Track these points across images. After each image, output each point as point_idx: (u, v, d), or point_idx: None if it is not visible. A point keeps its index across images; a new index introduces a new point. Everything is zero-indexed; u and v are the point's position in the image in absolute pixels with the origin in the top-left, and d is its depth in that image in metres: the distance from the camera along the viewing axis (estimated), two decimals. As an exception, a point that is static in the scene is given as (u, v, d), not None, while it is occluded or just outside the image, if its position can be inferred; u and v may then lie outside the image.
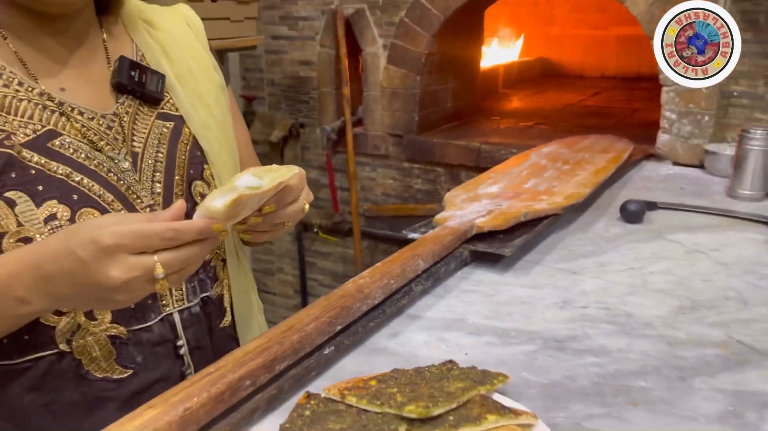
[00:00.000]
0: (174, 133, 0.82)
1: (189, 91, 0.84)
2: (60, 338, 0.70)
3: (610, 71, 3.80)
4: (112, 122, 0.76)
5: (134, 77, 0.78)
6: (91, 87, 0.77)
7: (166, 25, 0.87)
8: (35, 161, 0.69)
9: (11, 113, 0.69)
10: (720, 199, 1.41)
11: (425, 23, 2.00)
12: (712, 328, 0.85)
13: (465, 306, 0.91)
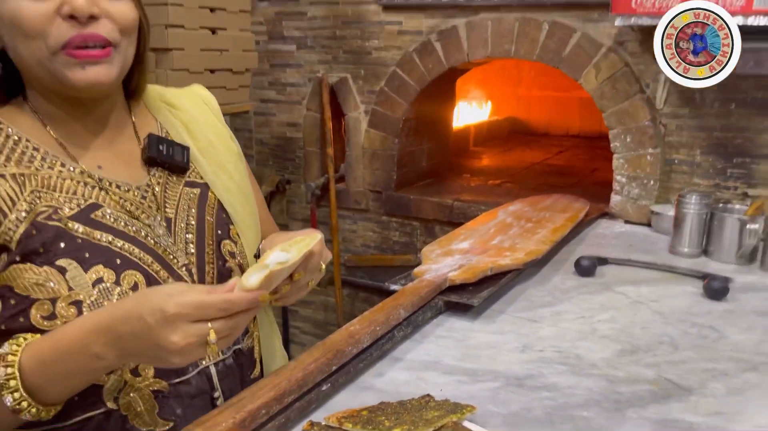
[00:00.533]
0: (201, 198, 0.92)
1: (211, 161, 0.95)
2: (108, 396, 0.77)
3: (574, 130, 4.05)
4: (145, 192, 0.86)
5: (162, 151, 0.89)
6: (124, 163, 0.87)
7: (185, 104, 0.99)
8: (81, 231, 0.78)
9: (56, 191, 0.79)
10: (663, 255, 1.59)
11: (403, 92, 2.20)
12: (647, 368, 1.01)
13: (440, 349, 1.06)
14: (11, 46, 0.78)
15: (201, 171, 0.94)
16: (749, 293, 1.34)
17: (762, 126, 1.73)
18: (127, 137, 0.89)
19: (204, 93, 1.03)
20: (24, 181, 0.77)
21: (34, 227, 0.75)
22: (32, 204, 0.76)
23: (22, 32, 0.75)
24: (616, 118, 1.87)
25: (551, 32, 1.91)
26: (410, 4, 2.10)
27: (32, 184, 0.77)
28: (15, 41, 0.77)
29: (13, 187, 0.76)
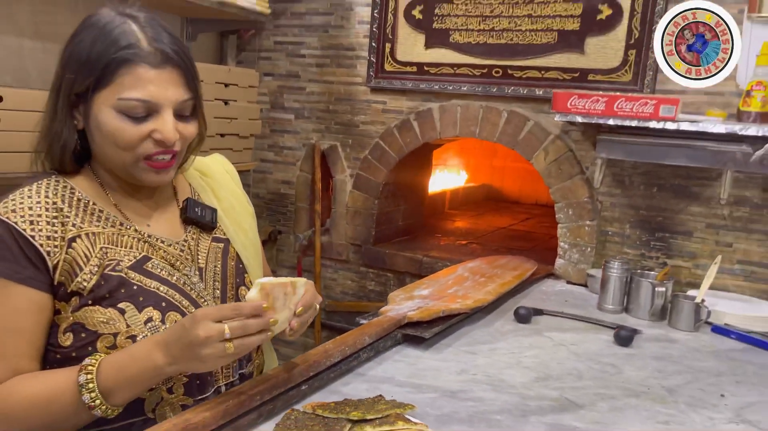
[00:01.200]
0: (224, 251, 1.13)
1: (233, 221, 1.17)
2: (147, 407, 0.97)
3: (543, 200, 4.40)
4: (183, 246, 1.07)
5: (197, 212, 1.10)
6: (167, 222, 1.09)
7: (212, 172, 1.22)
8: (137, 279, 0.98)
9: (118, 246, 1.00)
10: (592, 310, 1.89)
11: (384, 161, 2.54)
12: (553, 390, 1.30)
13: (395, 369, 1.34)
14: (100, 144, 0.98)
15: (225, 228, 1.16)
16: (652, 342, 1.64)
17: (677, 208, 2.08)
18: (168, 200, 1.12)
19: (226, 164, 1.27)
20: (95, 239, 0.98)
21: (102, 278, 0.96)
22: (101, 259, 0.97)
23: (115, 143, 0.96)
24: (560, 194, 2.22)
25: (509, 119, 2.28)
26: (394, 88, 2.48)
27: (101, 241, 0.99)
28: (105, 144, 0.98)
29: (87, 246, 0.97)
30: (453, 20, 2.33)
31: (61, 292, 0.96)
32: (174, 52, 0.98)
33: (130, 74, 0.95)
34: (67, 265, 0.95)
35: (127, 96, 0.95)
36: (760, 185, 1.96)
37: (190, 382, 1.02)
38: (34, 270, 0.94)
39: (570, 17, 2.14)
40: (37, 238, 0.94)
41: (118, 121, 0.95)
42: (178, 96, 0.98)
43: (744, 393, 1.34)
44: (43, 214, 0.96)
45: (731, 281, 2.02)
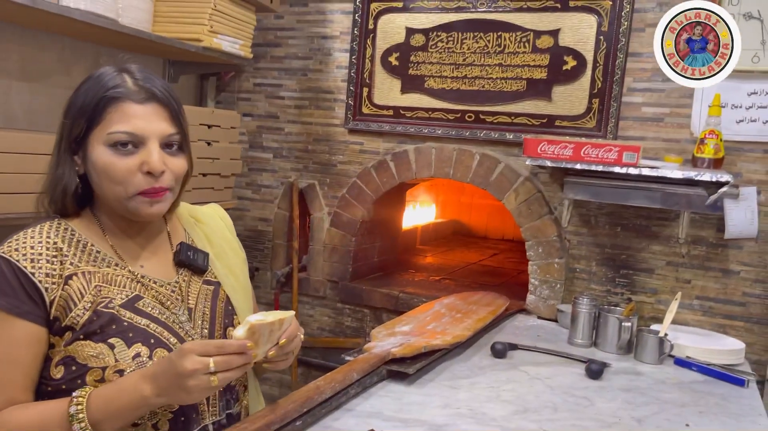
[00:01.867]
0: (214, 293, 1.18)
1: (224, 265, 1.22)
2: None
3: (509, 235, 4.54)
4: (174, 287, 1.13)
5: (190, 256, 1.16)
6: (160, 264, 1.14)
7: (207, 220, 1.28)
8: (127, 317, 1.04)
9: (112, 284, 1.05)
10: (562, 345, 1.98)
11: (361, 199, 2.62)
12: (531, 422, 1.37)
13: (382, 404, 1.40)
14: (97, 182, 1.05)
15: (216, 272, 1.21)
16: (620, 375, 1.74)
17: (640, 246, 2.21)
18: (162, 243, 1.17)
19: (221, 212, 1.34)
20: (90, 278, 1.04)
21: (95, 314, 1.02)
22: (95, 296, 1.03)
23: (109, 178, 1.03)
24: (530, 232, 2.33)
25: (481, 161, 2.39)
26: (371, 130, 2.57)
27: (96, 280, 1.05)
28: (101, 182, 1.04)
29: (83, 283, 1.03)
30: (428, 67, 2.45)
31: (56, 327, 1.01)
32: (159, 91, 1.06)
33: (117, 111, 1.03)
34: (62, 301, 1.01)
35: (115, 130, 1.03)
36: (715, 225, 2.10)
37: (175, 418, 1.05)
38: (33, 305, 1.00)
39: (538, 67, 2.29)
40: (37, 275, 1.00)
41: (109, 156, 1.03)
42: (162, 130, 1.05)
43: (707, 423, 1.44)
44: (44, 253, 1.03)
45: (691, 316, 2.15)
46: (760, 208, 2.01)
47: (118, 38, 2.04)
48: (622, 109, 2.19)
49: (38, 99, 2.03)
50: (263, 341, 1.01)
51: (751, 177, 2.05)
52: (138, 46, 2.18)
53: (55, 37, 2.07)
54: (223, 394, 1.14)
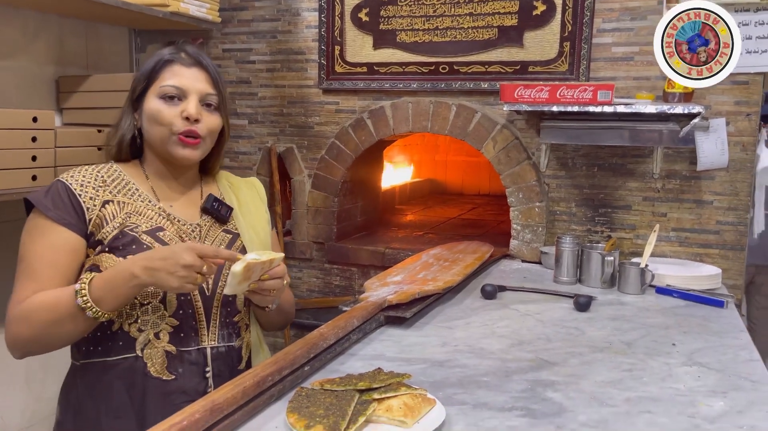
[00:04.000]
0: (230, 242, 1.36)
1: (247, 221, 1.41)
2: (138, 347, 1.22)
3: (485, 190, 4.62)
4: (195, 228, 1.33)
5: (215, 206, 1.35)
6: (187, 207, 1.35)
7: (241, 185, 1.48)
8: (148, 241, 1.24)
9: (140, 215, 1.27)
10: (548, 284, 2.04)
11: (340, 159, 2.63)
12: (527, 353, 1.43)
13: (383, 347, 1.44)
14: (147, 128, 1.29)
15: (237, 225, 1.40)
16: (606, 306, 1.81)
17: (617, 184, 2.27)
18: (194, 192, 1.39)
19: (257, 183, 1.53)
20: (123, 206, 1.27)
21: (121, 234, 1.23)
22: (124, 220, 1.25)
23: (156, 121, 1.26)
24: (510, 179, 2.37)
25: (458, 113, 2.42)
26: (345, 88, 2.57)
27: (127, 209, 1.26)
28: (150, 126, 1.28)
29: (116, 209, 1.26)
30: (398, 21, 2.45)
31: (92, 241, 1.23)
32: (204, 61, 1.31)
33: (169, 70, 1.29)
34: (98, 220, 1.23)
35: (165, 83, 1.27)
36: (687, 159, 2.17)
37: (175, 332, 1.24)
38: (76, 219, 1.22)
39: (508, 14, 2.30)
40: (83, 196, 1.24)
41: (159, 104, 1.27)
42: (202, 88, 1.28)
43: (691, 341, 1.52)
44: (91, 182, 1.26)
45: (668, 247, 2.23)
46: (730, 138, 2.08)
47: (83, 8, 1.99)
48: (593, 51, 2.22)
49: (2, 74, 1.98)
50: (254, 277, 1.19)
51: (719, 109, 2.11)
52: (103, 15, 2.13)
53: (18, 11, 2.01)
54: (225, 326, 1.31)
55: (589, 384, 1.25)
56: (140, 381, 1.21)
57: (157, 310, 1.23)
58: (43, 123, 1.86)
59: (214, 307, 1.29)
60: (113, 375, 1.22)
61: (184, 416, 0.92)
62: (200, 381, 1.26)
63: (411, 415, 1.03)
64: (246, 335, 1.37)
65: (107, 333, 1.22)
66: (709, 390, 1.23)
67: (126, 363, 1.21)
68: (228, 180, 1.48)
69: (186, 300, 1.25)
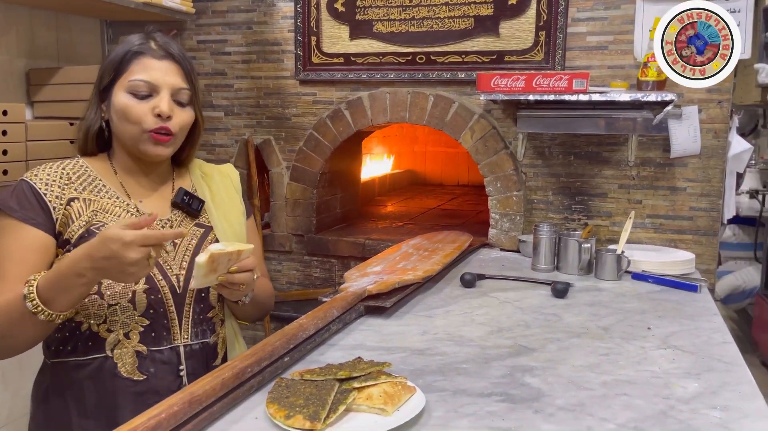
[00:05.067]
0: (203, 235, 1.32)
1: (220, 213, 1.36)
2: (108, 347, 1.19)
3: (464, 180, 4.64)
4: (165, 223, 1.29)
5: (185, 200, 1.31)
6: (157, 202, 1.30)
7: (213, 174, 1.43)
8: None
9: (108, 213, 1.23)
10: (527, 272, 2.06)
11: (319, 151, 2.62)
12: (506, 339, 1.44)
13: (363, 337, 1.45)
14: (116, 123, 1.24)
15: (210, 217, 1.35)
16: (583, 292, 1.83)
17: (593, 172, 2.29)
18: (165, 188, 1.33)
19: (231, 170, 1.48)
20: (89, 203, 1.22)
21: (87, 232, 1.19)
22: (90, 218, 1.21)
23: (126, 118, 1.21)
24: (488, 168, 2.39)
25: (436, 102, 2.42)
26: (323, 79, 2.56)
27: (93, 206, 1.22)
28: (120, 122, 1.23)
29: (82, 206, 1.22)
30: (375, 11, 2.44)
31: (60, 240, 1.20)
32: (175, 52, 1.26)
33: (139, 63, 1.23)
34: (65, 218, 1.20)
35: (135, 78, 1.22)
36: (661, 146, 2.20)
37: (145, 332, 1.21)
38: (44, 218, 1.19)
39: (484, 3, 2.31)
40: (48, 195, 1.20)
41: (128, 99, 1.22)
42: (174, 83, 1.23)
43: (666, 325, 1.54)
44: (56, 180, 1.22)
45: (643, 234, 2.26)
46: (702, 125, 2.11)
47: (52, -2, 1.95)
48: (568, 40, 2.24)
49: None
50: (221, 269, 1.14)
51: (692, 96, 2.14)
52: (75, 6, 2.09)
53: (-16, 2, 1.97)
54: (199, 323, 1.27)
55: (566, 369, 1.27)
56: (110, 381, 1.19)
57: (126, 310, 1.20)
58: (14, 116, 1.83)
59: (186, 305, 1.26)
60: (83, 375, 1.19)
61: (162, 408, 0.92)
62: (174, 380, 1.23)
63: (391, 403, 1.03)
64: (221, 331, 1.34)
65: (76, 333, 1.19)
66: (683, 372, 1.25)
67: (96, 364, 1.19)
68: (201, 169, 1.43)
69: (156, 299, 1.22)
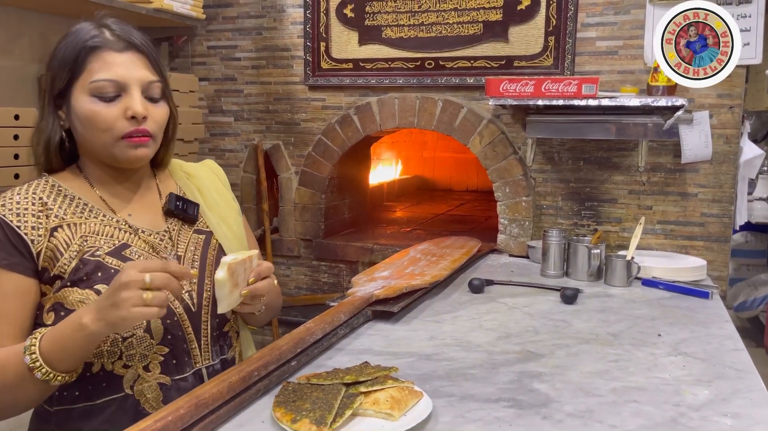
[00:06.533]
0: (205, 242, 1.20)
1: (215, 215, 1.24)
2: (126, 385, 1.04)
3: (473, 186, 4.63)
4: (164, 236, 1.14)
5: (179, 206, 1.17)
6: (149, 213, 1.16)
7: (199, 174, 1.29)
8: (114, 264, 1.05)
9: (99, 235, 1.07)
10: (535, 277, 2.05)
11: (327, 156, 2.63)
12: (515, 345, 1.43)
13: (371, 342, 1.44)
14: (81, 133, 1.07)
15: (208, 222, 1.23)
16: (593, 298, 1.82)
17: (602, 178, 2.28)
18: (151, 193, 1.19)
19: (214, 166, 1.35)
20: (76, 229, 1.06)
21: (81, 262, 1.04)
22: (81, 245, 1.05)
23: (94, 126, 1.05)
24: (497, 173, 2.38)
25: (444, 108, 2.42)
26: (331, 85, 2.57)
27: (82, 230, 1.07)
28: (86, 131, 1.06)
29: (68, 234, 1.05)
30: (384, 17, 2.44)
31: (46, 277, 1.04)
32: (137, 40, 1.09)
33: (97, 60, 1.05)
34: (49, 252, 1.04)
35: (97, 78, 1.05)
36: (672, 151, 2.19)
37: (166, 361, 1.08)
38: (20, 257, 1.02)
39: (493, 8, 2.31)
40: (23, 228, 1.04)
41: (93, 104, 1.05)
42: (143, 76, 1.07)
43: (677, 332, 1.53)
44: (30, 208, 1.06)
45: (654, 240, 2.24)
46: (713, 130, 2.10)
47: (66, 5, 1.97)
48: (577, 45, 2.23)
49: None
50: (241, 281, 1.04)
51: (703, 102, 2.13)
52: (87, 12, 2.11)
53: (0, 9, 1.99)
54: (217, 340, 1.17)
55: (575, 375, 1.25)
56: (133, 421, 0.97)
57: (142, 341, 1.06)
58: (25, 120, 1.84)
59: (203, 322, 1.15)
60: (100, 420, 1.04)
61: (168, 411, 0.91)
62: None
63: (398, 408, 1.03)
64: (237, 344, 1.25)
65: (86, 375, 1.04)
66: (694, 380, 1.24)
67: (114, 406, 1.04)
68: (183, 170, 1.28)
69: (173, 323, 1.10)
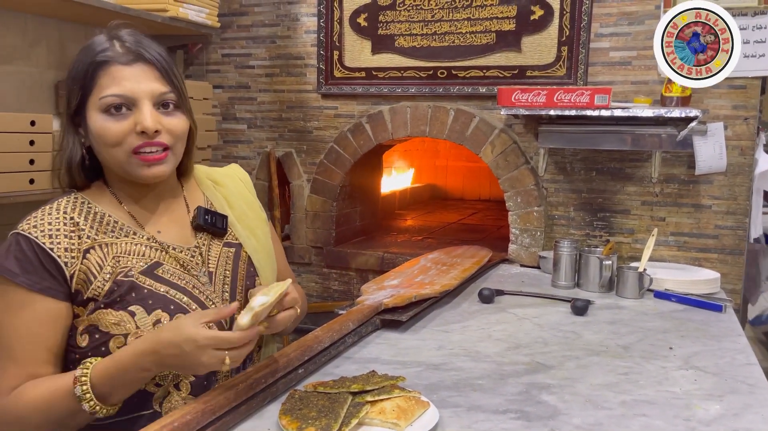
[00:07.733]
0: (236, 255, 1.18)
1: (245, 227, 1.22)
2: (155, 402, 1.05)
3: (485, 195, 4.61)
4: (194, 252, 1.13)
5: (208, 220, 1.15)
6: (178, 228, 1.14)
7: (226, 182, 1.27)
8: (147, 284, 1.05)
9: (130, 254, 1.06)
10: (546, 288, 2.04)
11: (339, 164, 2.64)
12: (524, 356, 1.43)
13: (379, 350, 1.44)
14: (98, 150, 1.07)
15: (237, 234, 1.21)
16: (604, 310, 1.80)
17: (615, 189, 2.27)
18: (179, 207, 1.17)
19: (240, 172, 1.32)
20: (108, 250, 1.05)
21: (115, 284, 1.03)
22: (114, 266, 1.04)
23: (105, 142, 1.04)
24: (509, 183, 2.37)
25: (456, 117, 2.42)
26: (344, 93, 2.58)
27: (114, 251, 1.06)
28: (100, 148, 1.06)
29: (101, 255, 1.04)
30: (397, 26, 2.45)
31: (79, 299, 1.03)
32: (146, 51, 1.06)
33: (106, 75, 1.03)
34: (82, 274, 1.03)
35: (105, 94, 1.03)
36: (686, 163, 2.17)
37: (197, 379, 1.09)
38: (53, 281, 1.02)
39: (506, 18, 2.31)
40: (56, 250, 1.02)
41: (103, 121, 1.04)
42: (153, 89, 1.05)
43: (689, 345, 1.51)
44: (62, 228, 1.04)
45: (667, 251, 2.22)
46: (727, 142, 2.08)
47: (82, 12, 2.00)
48: (590, 55, 2.22)
49: (3, 79, 1.99)
50: (264, 316, 1.02)
51: (717, 113, 2.11)
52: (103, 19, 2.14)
53: (18, 15, 2.03)
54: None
55: (584, 387, 1.24)
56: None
57: None
58: (41, 126, 1.87)
59: None
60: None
61: (174, 418, 0.92)
62: None
63: (404, 417, 1.02)
64: (257, 356, 1.26)
65: None
66: (705, 394, 1.22)
67: (142, 421, 1.02)
68: (209, 177, 1.26)
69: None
